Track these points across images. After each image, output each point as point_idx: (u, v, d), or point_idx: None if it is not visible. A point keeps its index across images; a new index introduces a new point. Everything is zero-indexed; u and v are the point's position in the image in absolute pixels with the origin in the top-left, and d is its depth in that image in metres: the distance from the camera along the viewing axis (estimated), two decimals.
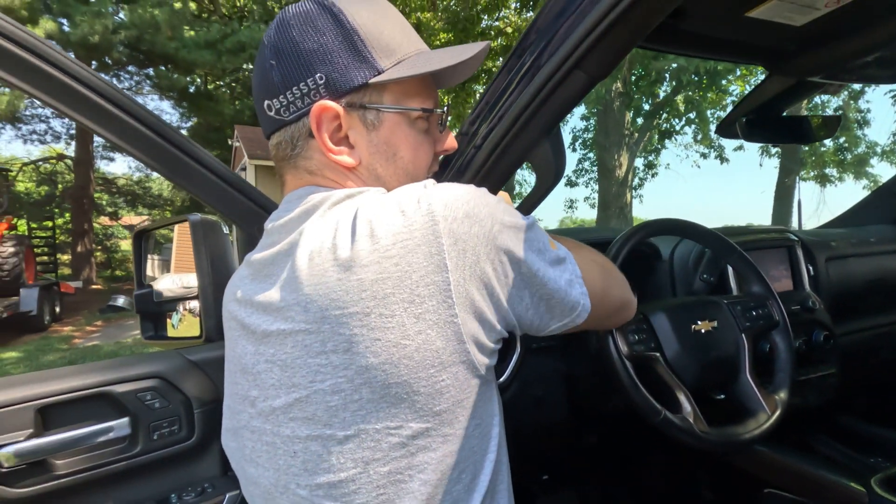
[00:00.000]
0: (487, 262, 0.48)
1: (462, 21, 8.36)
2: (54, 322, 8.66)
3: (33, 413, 0.71)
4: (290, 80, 0.53)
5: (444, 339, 0.47)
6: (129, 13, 10.31)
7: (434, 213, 0.47)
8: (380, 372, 0.46)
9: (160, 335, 1.15)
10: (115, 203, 17.64)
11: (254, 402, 0.54)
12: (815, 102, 12.54)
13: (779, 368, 0.90)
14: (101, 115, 0.73)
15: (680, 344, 0.83)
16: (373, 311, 0.46)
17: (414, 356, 0.46)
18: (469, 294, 0.47)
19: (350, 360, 0.46)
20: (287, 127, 0.56)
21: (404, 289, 0.46)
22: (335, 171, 0.57)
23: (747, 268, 0.95)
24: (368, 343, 0.46)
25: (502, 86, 0.81)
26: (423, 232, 0.46)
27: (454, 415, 0.49)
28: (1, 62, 0.65)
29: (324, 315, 0.47)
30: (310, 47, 0.52)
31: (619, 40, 0.65)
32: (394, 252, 0.46)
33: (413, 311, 0.46)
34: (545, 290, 0.54)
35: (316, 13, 0.53)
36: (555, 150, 0.80)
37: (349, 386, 0.47)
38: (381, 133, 0.57)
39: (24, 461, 0.69)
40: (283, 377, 0.50)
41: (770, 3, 0.71)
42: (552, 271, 0.54)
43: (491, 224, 0.49)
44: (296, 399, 0.49)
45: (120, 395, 0.77)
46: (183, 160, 0.78)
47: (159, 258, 9.28)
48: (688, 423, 0.76)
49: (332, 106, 0.53)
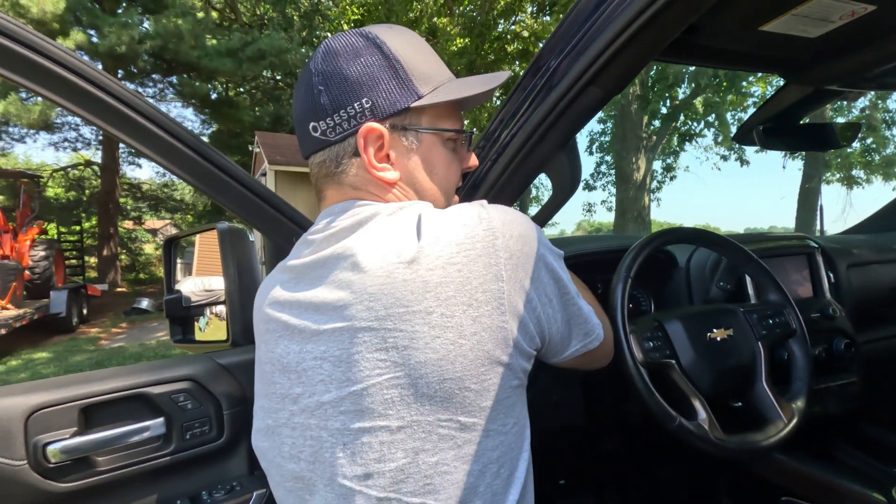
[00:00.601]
0: (535, 279, 0.55)
1: (478, 26, 8.40)
2: (82, 324, 8.91)
3: (77, 412, 0.75)
4: (339, 104, 0.58)
5: (494, 341, 0.52)
6: (153, 23, 10.61)
7: (494, 230, 0.54)
8: (437, 367, 0.51)
9: (188, 339, 1.20)
10: (139, 207, 18.10)
11: (296, 400, 0.57)
12: (840, 104, 12.26)
13: (796, 377, 0.90)
14: (147, 136, 0.77)
15: (695, 351, 0.84)
16: (435, 311, 0.51)
17: (468, 354, 0.51)
18: (517, 305, 0.54)
19: (409, 355, 0.51)
20: (332, 146, 0.61)
21: (464, 293, 0.51)
22: (377, 187, 0.62)
23: (763, 276, 0.96)
24: (429, 340, 0.50)
25: (519, 101, 0.83)
26: (484, 244, 0.53)
27: (497, 412, 0.54)
28: (66, 92, 0.69)
29: (388, 312, 0.51)
30: (357, 75, 0.58)
31: (633, 57, 0.67)
32: (457, 259, 0.52)
33: (471, 313, 0.51)
34: (573, 312, 0.61)
35: (362, 45, 0.59)
36: (570, 161, 0.82)
37: (406, 380, 0.51)
38: (419, 152, 0.63)
39: (70, 458, 0.74)
40: (334, 372, 0.54)
41: (783, 17, 0.72)
42: (579, 299, 0.62)
43: (538, 247, 0.57)
44: (349, 392, 0.53)
45: (156, 396, 0.81)
46: (216, 174, 0.82)
47: (182, 262, 9.49)
48: (703, 430, 0.77)
49: (378, 127, 0.58)
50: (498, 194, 0.87)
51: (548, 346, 0.61)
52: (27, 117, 9.60)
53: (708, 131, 12.65)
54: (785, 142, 1.14)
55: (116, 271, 13.72)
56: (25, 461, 0.71)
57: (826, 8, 0.70)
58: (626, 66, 0.69)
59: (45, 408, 0.73)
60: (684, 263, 1.22)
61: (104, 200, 13.31)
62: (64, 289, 8.31)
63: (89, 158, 15.70)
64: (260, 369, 0.65)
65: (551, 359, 0.64)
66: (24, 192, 8.88)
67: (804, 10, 0.70)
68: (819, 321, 1.20)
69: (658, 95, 10.44)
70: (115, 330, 8.72)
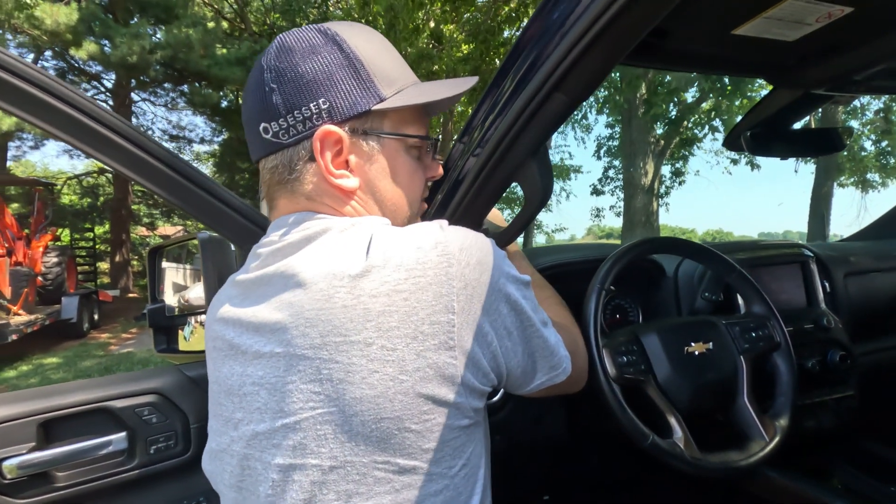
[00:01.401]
0: (492, 311, 0.51)
1: (483, 33, 8.41)
2: (93, 329, 9.02)
3: (36, 427, 0.74)
4: (293, 104, 0.53)
5: (439, 379, 0.47)
6: (165, 33, 10.78)
7: (450, 255, 0.49)
8: (373, 405, 0.46)
9: (172, 348, 1.19)
10: (151, 214, 18.35)
11: (237, 426, 0.53)
12: (854, 106, 12.06)
13: (780, 392, 0.87)
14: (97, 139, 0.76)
15: (672, 366, 0.81)
16: (375, 342, 0.46)
17: (409, 392, 0.47)
18: (468, 339, 0.49)
19: (344, 389, 0.46)
20: (285, 150, 0.56)
21: (409, 324, 0.47)
22: (333, 197, 0.57)
23: (746, 286, 0.93)
24: (366, 374, 0.46)
25: (489, 107, 0.81)
26: (436, 272, 0.48)
27: (441, 454, 0.49)
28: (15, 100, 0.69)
29: (324, 341, 0.47)
30: (314, 73, 0.53)
31: (597, 62, 0.65)
32: (405, 286, 0.47)
33: (415, 347, 0.47)
34: (537, 345, 0.57)
35: (320, 41, 0.54)
36: (541, 170, 0.80)
37: (340, 416, 0.47)
38: (381, 158, 0.58)
39: (26, 473, 0.73)
40: (269, 401, 0.50)
41: (755, 20, 0.69)
42: (543, 330, 0.57)
43: (498, 276, 0.52)
44: (282, 425, 0.49)
45: (119, 410, 0.80)
46: (178, 180, 0.81)
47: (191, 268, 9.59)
48: (678, 449, 0.74)
49: (336, 130, 0.54)
50: (474, 198, 0.85)
51: (508, 381, 0.57)
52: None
53: (715, 135, 12.51)
54: (773, 148, 1.11)
55: (128, 277, 13.90)
56: None
57: (799, 10, 0.68)
58: (591, 72, 0.67)
59: (2, 422, 0.72)
60: (672, 273, 1.19)
61: (117, 207, 13.51)
62: (75, 295, 8.43)
63: (103, 166, 15.97)
64: (210, 387, 0.61)
65: (515, 391, 0.60)
66: (38, 200, 9.04)
67: (776, 13, 0.68)
68: (813, 332, 1.16)
69: (661, 99, 10.34)
70: (125, 335, 8.81)
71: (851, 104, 10.70)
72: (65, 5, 9.52)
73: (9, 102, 0.69)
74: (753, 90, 10.07)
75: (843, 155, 12.42)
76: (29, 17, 8.88)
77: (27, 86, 0.69)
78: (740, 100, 10.46)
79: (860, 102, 12.08)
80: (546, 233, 22.71)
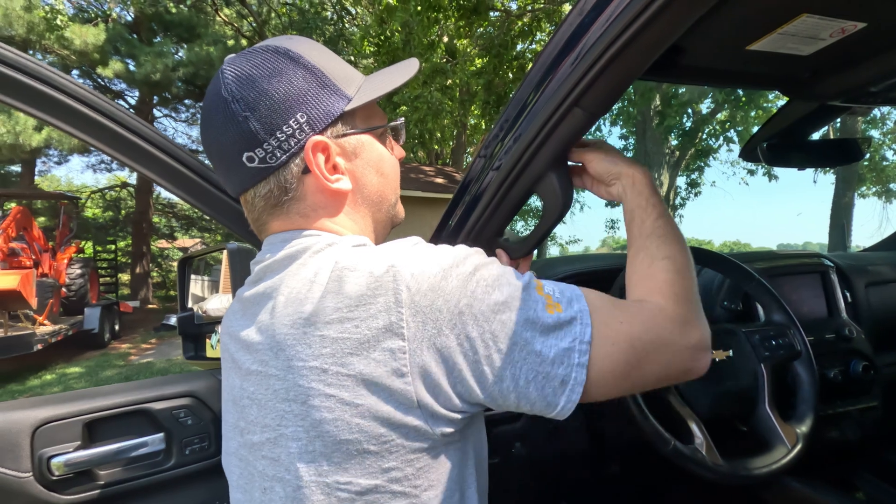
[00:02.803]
0: (451, 335, 0.48)
1: (496, 47, 8.52)
2: (113, 339, 9.20)
3: (81, 426, 0.78)
4: (272, 126, 0.53)
5: (395, 403, 0.48)
6: (187, 52, 11.14)
7: (398, 282, 0.48)
8: (332, 427, 0.48)
9: (199, 355, 1.23)
10: (171, 226, 18.75)
11: (241, 433, 0.57)
12: (874, 115, 11.87)
13: (801, 401, 0.87)
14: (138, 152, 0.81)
15: None
16: (330, 369, 0.48)
17: (365, 415, 0.48)
18: (424, 364, 0.48)
19: (306, 411, 0.49)
20: (276, 172, 0.56)
21: (362, 350, 0.47)
22: (327, 207, 0.59)
23: (766, 295, 0.93)
24: (323, 399, 0.48)
25: (510, 122, 0.85)
26: (386, 299, 0.48)
27: (402, 472, 0.50)
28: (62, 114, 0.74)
29: (289, 364, 0.50)
30: (284, 92, 0.53)
31: (616, 78, 0.68)
32: (356, 314, 0.48)
33: (368, 373, 0.47)
34: (532, 365, 0.49)
35: (277, 61, 0.55)
36: (561, 182, 0.83)
37: (306, 436, 0.49)
38: (363, 155, 0.61)
39: (72, 471, 0.76)
40: (259, 416, 0.53)
41: (770, 36, 0.71)
42: (540, 342, 0.49)
43: (458, 299, 0.48)
44: (266, 439, 0.53)
45: (157, 412, 0.84)
46: (205, 187, 0.85)
47: (209, 279, 9.77)
48: (699, 455, 0.75)
49: (322, 139, 0.55)
50: (492, 214, 0.88)
51: (502, 405, 0.51)
52: (68, 142, 10.12)
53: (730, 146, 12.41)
54: (791, 158, 1.12)
55: (148, 288, 14.18)
56: (31, 473, 0.74)
57: (813, 26, 0.70)
58: (610, 88, 0.70)
59: (51, 422, 0.77)
60: None
61: (138, 220, 13.85)
62: (98, 305, 8.62)
63: (125, 180, 16.42)
64: (222, 394, 0.65)
65: (544, 414, 0.52)
66: (64, 213, 9.32)
67: (790, 29, 0.70)
68: (834, 342, 1.15)
69: (674, 111, 10.33)
70: (145, 346, 8.97)
71: (870, 114, 10.56)
72: (93, 26, 9.89)
73: (56, 117, 0.74)
74: (769, 101, 10.00)
75: (864, 165, 12.22)
76: (59, 38, 9.24)
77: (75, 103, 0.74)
78: (755, 111, 10.39)
79: (880, 112, 11.90)
80: (560, 244, 22.62)
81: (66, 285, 8.69)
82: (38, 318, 7.15)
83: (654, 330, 0.53)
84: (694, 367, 0.56)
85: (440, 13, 7.32)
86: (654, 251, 0.63)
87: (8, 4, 8.57)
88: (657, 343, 0.53)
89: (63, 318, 8.23)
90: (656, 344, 0.53)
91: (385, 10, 7.45)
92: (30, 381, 6.47)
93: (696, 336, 0.55)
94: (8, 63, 0.68)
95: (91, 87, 0.78)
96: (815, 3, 0.65)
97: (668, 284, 0.58)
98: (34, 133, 9.25)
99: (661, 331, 0.54)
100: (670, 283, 0.59)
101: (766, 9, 0.66)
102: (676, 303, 0.57)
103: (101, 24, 10.33)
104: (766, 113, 10.69)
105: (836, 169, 11.44)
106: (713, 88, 10.00)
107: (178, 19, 11.93)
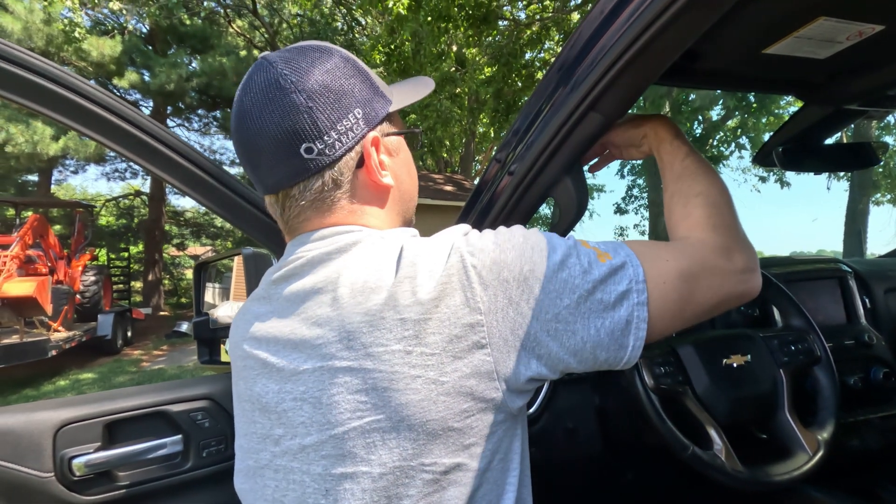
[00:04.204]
0: (521, 302, 0.50)
1: (505, 56, 8.57)
2: (126, 346, 9.29)
3: (101, 428, 0.79)
4: (334, 118, 0.55)
5: (477, 377, 0.49)
6: (200, 62, 11.33)
7: (465, 260, 0.51)
8: (418, 409, 0.48)
9: (214, 359, 1.24)
10: (182, 234, 18.97)
11: (278, 441, 0.54)
12: (888, 121, 11.73)
13: (821, 406, 0.86)
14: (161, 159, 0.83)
15: (710, 378, 0.81)
16: (414, 350, 0.49)
17: (450, 392, 0.49)
18: (502, 335, 0.50)
19: (390, 397, 0.49)
20: (332, 165, 0.56)
21: (443, 329, 0.49)
22: (371, 204, 0.60)
23: (784, 300, 0.92)
24: (409, 380, 0.48)
25: (526, 123, 0.85)
26: (459, 277, 0.50)
27: (481, 448, 0.51)
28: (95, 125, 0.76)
29: (368, 352, 0.49)
30: (343, 87, 0.56)
31: (632, 83, 0.68)
32: (435, 294, 0.49)
33: (451, 350, 0.49)
34: (598, 311, 0.52)
35: (330, 58, 0.57)
36: (576, 186, 0.83)
37: (388, 423, 0.49)
38: (401, 155, 0.64)
39: (93, 471, 0.77)
40: (315, 415, 0.51)
41: (786, 39, 0.71)
42: (601, 290, 0.52)
43: (521, 266, 0.51)
44: (331, 436, 0.51)
45: (175, 414, 0.85)
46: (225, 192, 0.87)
47: (220, 286, 9.83)
48: (718, 460, 0.74)
49: (377, 135, 0.58)
50: (508, 216, 0.89)
51: (582, 359, 0.53)
52: (84, 151, 10.32)
53: (741, 153, 12.32)
54: (806, 163, 1.11)
55: (160, 295, 14.33)
56: (52, 473, 0.75)
57: (830, 29, 0.70)
58: (626, 92, 0.70)
59: (72, 423, 0.78)
60: None
61: (151, 228, 14.04)
62: (111, 312, 8.72)
63: (139, 188, 16.68)
64: (239, 406, 0.61)
65: (618, 365, 0.55)
66: (79, 221, 9.48)
67: (807, 33, 0.70)
68: (854, 348, 1.14)
69: (684, 118, 10.30)
70: (157, 352, 9.04)
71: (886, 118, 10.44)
72: (110, 38, 10.11)
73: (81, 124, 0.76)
74: (780, 107, 9.93)
75: (879, 172, 12.05)
76: (77, 50, 9.45)
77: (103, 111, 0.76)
78: (766, 117, 10.32)
79: (895, 118, 11.77)
80: None
81: (80, 292, 8.81)
82: (52, 324, 7.25)
83: (700, 261, 0.57)
84: (745, 290, 0.60)
85: (449, 23, 7.39)
86: (686, 190, 0.66)
87: (29, 18, 8.80)
88: (705, 273, 0.56)
89: (77, 325, 8.34)
90: (704, 274, 0.56)
91: (395, 21, 7.54)
92: (44, 386, 6.55)
93: (741, 261, 0.59)
94: (47, 76, 0.70)
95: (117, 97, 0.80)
96: (833, 6, 0.65)
97: (704, 218, 0.62)
98: (52, 142, 9.44)
99: (705, 261, 0.57)
100: (707, 216, 0.62)
101: (782, 12, 0.66)
102: (715, 232, 0.60)
103: (118, 36, 10.55)
104: (777, 119, 10.61)
105: (851, 175, 11.31)
106: (724, 95, 9.95)
107: (193, 31, 12.16)
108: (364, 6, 8.42)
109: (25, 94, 0.71)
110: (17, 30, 8.71)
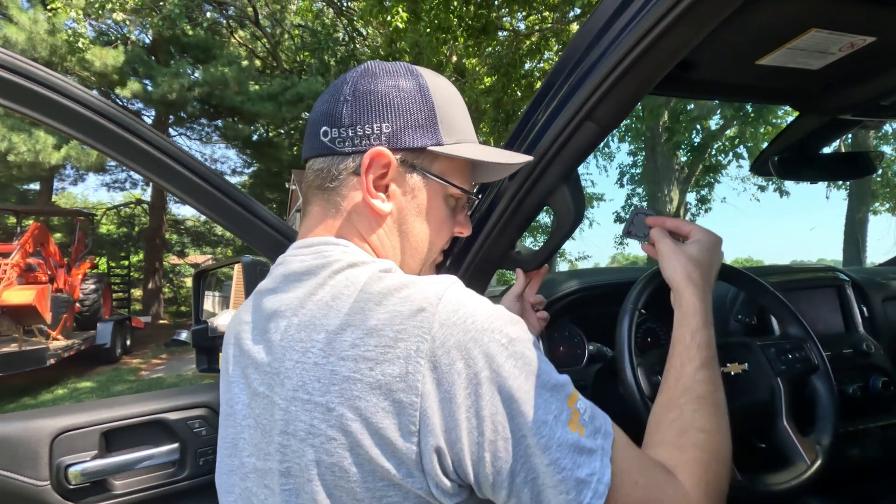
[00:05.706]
0: (462, 405, 0.43)
1: (505, 66, 8.64)
2: (125, 354, 9.26)
3: (98, 436, 0.79)
4: (359, 119, 0.56)
5: (396, 460, 0.43)
6: (202, 72, 11.43)
7: (423, 331, 0.44)
8: (329, 472, 0.44)
9: (213, 368, 1.24)
10: (182, 242, 19.00)
11: (240, 453, 0.54)
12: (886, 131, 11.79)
13: (820, 416, 0.86)
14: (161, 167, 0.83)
15: None
16: (336, 409, 0.44)
17: (365, 466, 0.44)
18: (433, 426, 0.43)
19: (304, 451, 0.45)
20: (335, 156, 0.57)
21: (372, 396, 0.43)
22: (362, 218, 0.58)
23: (781, 308, 0.93)
24: (324, 440, 0.44)
25: (523, 135, 0.86)
26: (407, 346, 0.44)
27: None
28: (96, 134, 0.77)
29: (294, 395, 0.46)
30: (387, 98, 0.56)
31: (627, 92, 0.69)
32: (373, 354, 0.44)
33: (375, 422, 0.43)
34: (536, 473, 0.43)
35: (404, 75, 0.58)
36: (573, 194, 0.84)
37: (302, 476, 0.46)
38: (419, 196, 0.60)
39: (89, 480, 0.77)
40: (261, 441, 0.50)
41: (779, 50, 0.73)
42: (552, 454, 0.43)
43: (482, 368, 0.44)
44: (266, 468, 0.49)
45: (172, 422, 0.85)
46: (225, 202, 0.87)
47: (219, 295, 9.83)
48: None
49: (388, 154, 0.56)
50: (506, 225, 0.89)
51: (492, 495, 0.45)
52: (86, 160, 10.37)
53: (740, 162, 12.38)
54: (802, 172, 1.12)
55: (159, 304, 14.31)
56: (48, 482, 0.75)
57: (822, 41, 0.71)
58: (621, 101, 0.71)
59: (69, 431, 0.78)
60: None
61: (151, 236, 14.07)
62: (110, 321, 8.71)
63: (140, 197, 16.74)
64: (221, 406, 0.61)
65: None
66: (79, 229, 9.50)
67: (800, 44, 0.71)
68: (852, 357, 1.14)
69: (683, 127, 10.36)
70: (156, 361, 9.01)
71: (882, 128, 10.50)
72: (113, 49, 10.20)
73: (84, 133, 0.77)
74: (777, 117, 10.00)
75: (877, 181, 12.10)
76: (80, 60, 9.54)
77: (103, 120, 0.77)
78: (764, 126, 10.38)
79: (892, 127, 11.84)
80: (570, 261, 22.54)
81: (79, 300, 8.80)
82: (51, 332, 7.23)
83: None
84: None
85: (449, 34, 7.46)
86: (688, 416, 0.55)
87: (33, 28, 8.89)
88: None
89: (76, 333, 8.32)
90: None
91: (395, 31, 7.61)
92: (42, 395, 6.52)
93: None
94: (51, 86, 0.71)
95: (119, 107, 0.81)
96: (824, 18, 0.66)
97: (699, 467, 0.50)
98: (53, 151, 9.49)
99: None
100: (703, 466, 0.50)
101: (774, 24, 0.67)
102: (704, 494, 0.48)
103: (121, 46, 10.66)
104: (774, 129, 10.66)
105: (849, 184, 11.35)
106: (722, 104, 10.02)
107: (195, 41, 12.29)
108: (365, 17, 8.51)
109: (29, 104, 0.71)
110: (21, 40, 8.79)
